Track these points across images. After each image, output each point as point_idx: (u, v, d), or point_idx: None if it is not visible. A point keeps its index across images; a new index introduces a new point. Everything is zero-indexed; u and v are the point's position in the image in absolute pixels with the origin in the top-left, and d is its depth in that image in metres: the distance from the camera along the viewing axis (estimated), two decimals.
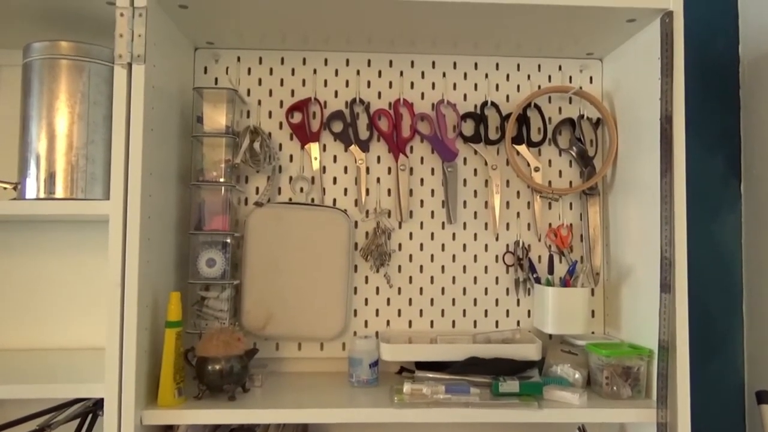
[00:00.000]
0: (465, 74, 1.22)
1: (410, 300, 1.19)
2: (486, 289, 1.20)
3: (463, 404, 0.95)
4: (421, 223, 1.20)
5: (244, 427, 1.00)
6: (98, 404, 1.09)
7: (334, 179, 1.20)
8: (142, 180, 0.92)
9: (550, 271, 1.18)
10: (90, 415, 1.09)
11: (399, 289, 1.19)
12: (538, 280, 1.17)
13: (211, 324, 1.07)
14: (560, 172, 1.22)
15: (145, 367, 0.94)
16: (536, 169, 1.20)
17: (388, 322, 1.19)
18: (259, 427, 1.01)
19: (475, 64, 1.23)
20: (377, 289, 1.19)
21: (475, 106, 1.22)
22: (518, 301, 1.20)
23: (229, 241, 1.10)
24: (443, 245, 1.20)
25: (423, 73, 1.22)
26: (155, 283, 0.98)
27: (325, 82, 1.21)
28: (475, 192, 1.21)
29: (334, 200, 1.20)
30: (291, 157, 1.20)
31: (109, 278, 0.90)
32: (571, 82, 1.23)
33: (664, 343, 0.97)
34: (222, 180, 1.11)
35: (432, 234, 1.20)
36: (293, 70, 1.21)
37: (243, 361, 0.99)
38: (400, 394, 0.98)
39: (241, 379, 0.99)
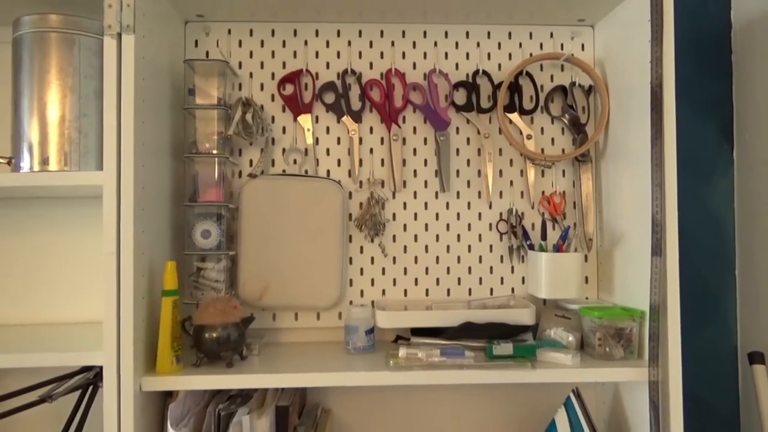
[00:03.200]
0: (456, 43, 1.22)
1: (405, 269, 1.20)
2: (480, 257, 1.21)
3: (457, 366, 0.97)
4: (415, 193, 1.21)
5: (242, 393, 1.02)
6: (98, 376, 1.10)
7: (327, 150, 1.20)
8: (135, 150, 0.93)
9: (543, 237, 1.19)
10: (90, 387, 1.11)
11: (394, 258, 1.20)
12: (531, 247, 1.18)
13: (207, 294, 1.08)
14: (552, 139, 1.22)
15: (142, 335, 0.95)
16: (528, 137, 1.21)
17: (383, 292, 1.20)
18: (257, 393, 1.02)
19: (467, 33, 1.22)
20: (372, 258, 1.20)
21: (467, 75, 1.22)
22: (512, 268, 1.21)
23: (223, 212, 1.10)
24: (437, 214, 1.20)
25: (414, 43, 1.22)
26: (151, 253, 0.99)
27: (317, 53, 1.21)
28: (468, 161, 1.22)
29: (328, 171, 1.20)
30: (284, 129, 1.20)
31: (104, 248, 0.91)
32: (562, 49, 1.23)
33: (655, 305, 0.98)
34: (215, 152, 1.11)
35: (426, 203, 1.21)
36: (284, 42, 1.21)
37: (240, 329, 1.01)
38: (395, 358, 0.99)
39: (239, 347, 1.01)
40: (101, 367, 0.94)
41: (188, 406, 0.97)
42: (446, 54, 1.22)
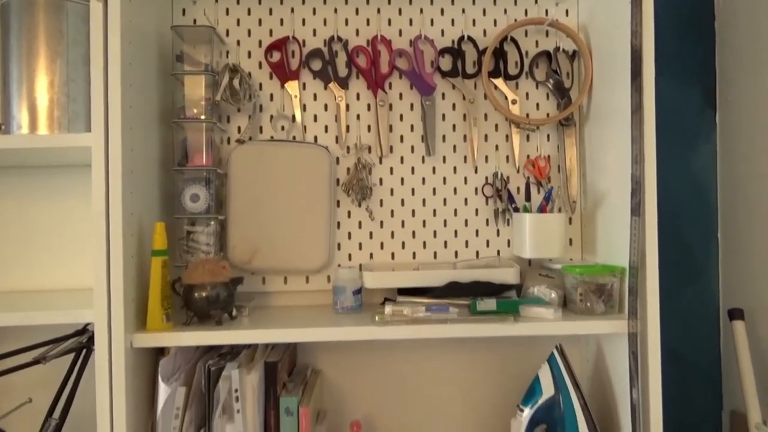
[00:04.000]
0: (442, 10, 1.23)
1: (392, 233, 1.22)
2: (466, 220, 1.23)
3: (441, 321, 0.99)
4: (402, 158, 1.22)
5: (232, 351, 1.04)
6: (91, 340, 1.13)
7: (315, 117, 1.22)
8: (122, 112, 0.94)
9: (528, 199, 1.21)
10: (84, 351, 1.13)
11: (381, 222, 1.22)
12: (516, 210, 1.20)
13: (197, 257, 1.10)
14: (537, 104, 1.24)
15: (132, 294, 0.97)
16: (513, 102, 1.22)
17: (371, 255, 1.22)
18: (247, 350, 1.04)
19: (452, 0, 1.24)
20: (360, 223, 1.22)
21: (453, 41, 1.23)
22: (498, 231, 1.23)
23: (212, 177, 1.12)
24: (423, 179, 1.22)
25: (400, 10, 1.23)
26: (140, 215, 1.01)
27: (303, 20, 1.22)
28: (454, 126, 1.23)
29: (315, 137, 1.22)
30: (271, 96, 1.22)
31: (93, 207, 0.93)
32: (547, 15, 1.24)
33: (634, 263, 1.00)
34: (203, 117, 1.12)
35: (412, 168, 1.22)
36: (271, 10, 1.22)
37: (229, 289, 1.03)
38: (381, 315, 1.01)
39: (228, 306, 1.03)
40: (93, 331, 0.96)
41: (179, 362, 0.99)
42: (432, 20, 1.23)
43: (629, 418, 1.01)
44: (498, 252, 1.23)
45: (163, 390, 0.93)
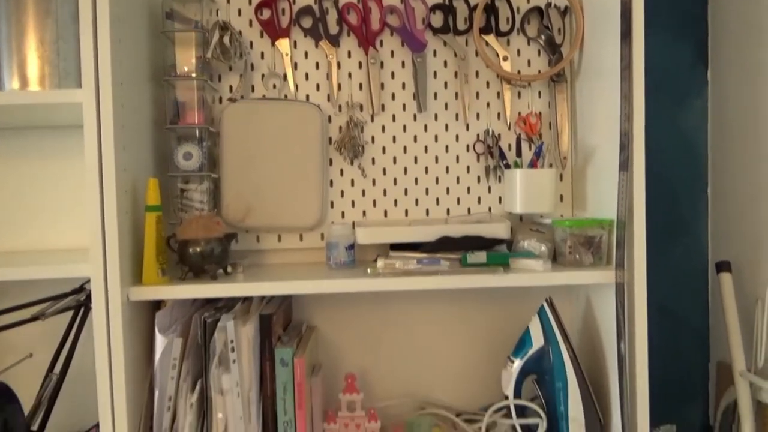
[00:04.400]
0: None
1: (385, 191, 1.23)
2: (458, 178, 1.24)
3: (433, 273, 1.01)
4: (393, 116, 1.23)
5: (227, 306, 1.06)
6: (89, 298, 1.14)
7: (306, 75, 1.22)
8: (112, 68, 0.94)
9: (519, 155, 1.22)
10: (82, 309, 1.15)
11: (373, 180, 1.23)
12: (508, 167, 1.21)
13: (191, 214, 1.11)
14: (529, 61, 1.24)
15: (128, 250, 0.98)
16: (505, 59, 1.22)
17: (364, 213, 1.23)
18: (242, 304, 1.06)
19: None
20: (352, 181, 1.23)
21: None
22: (489, 188, 1.24)
23: (204, 135, 1.12)
24: (415, 136, 1.23)
25: None
26: (133, 172, 1.02)
27: None
28: (446, 83, 1.23)
29: (307, 96, 1.22)
30: (262, 54, 1.21)
31: (86, 162, 0.93)
32: None
33: (622, 217, 1.02)
34: (194, 75, 1.12)
35: (404, 126, 1.23)
36: None
37: (223, 244, 1.04)
38: (374, 268, 1.03)
39: (222, 261, 1.04)
40: (91, 290, 0.97)
41: (175, 316, 1.01)
42: None
43: (617, 371, 1.03)
44: (489, 209, 1.24)
45: (160, 341, 0.95)
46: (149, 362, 1.03)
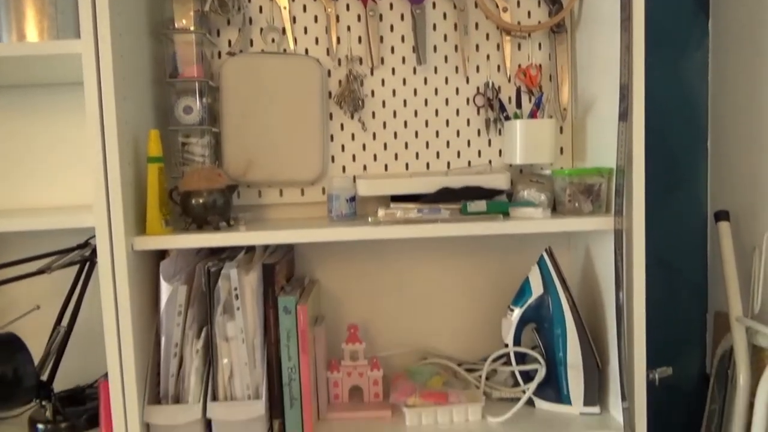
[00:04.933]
0: None
1: (385, 144, 1.23)
2: (458, 131, 1.24)
3: (433, 221, 1.02)
4: (393, 69, 1.22)
5: (231, 256, 1.07)
6: (94, 252, 1.16)
7: (305, 29, 1.21)
8: (111, 18, 0.94)
9: (519, 106, 1.22)
10: (87, 263, 1.17)
11: (374, 134, 1.23)
12: (508, 119, 1.21)
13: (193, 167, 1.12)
14: (529, 12, 1.23)
15: (131, 200, 0.99)
16: (504, 10, 1.21)
17: (364, 167, 1.24)
18: (245, 254, 1.08)
19: None
20: (353, 135, 1.23)
21: None
22: (489, 141, 1.24)
23: (204, 88, 1.12)
24: (415, 90, 1.23)
25: None
26: (134, 125, 1.02)
27: None
28: (445, 36, 1.23)
29: (306, 50, 1.21)
30: (260, 8, 1.20)
31: (86, 112, 0.94)
32: None
33: (621, 166, 1.02)
34: (192, 29, 1.12)
35: (404, 79, 1.23)
36: None
37: (225, 196, 1.05)
38: (374, 217, 1.04)
39: (225, 213, 1.05)
40: (95, 244, 0.99)
41: (180, 265, 1.02)
42: None
43: (615, 321, 1.05)
44: (490, 161, 1.24)
45: (165, 289, 0.97)
46: (155, 311, 1.05)
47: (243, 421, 1.00)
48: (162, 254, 1.06)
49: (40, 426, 1.09)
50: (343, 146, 1.23)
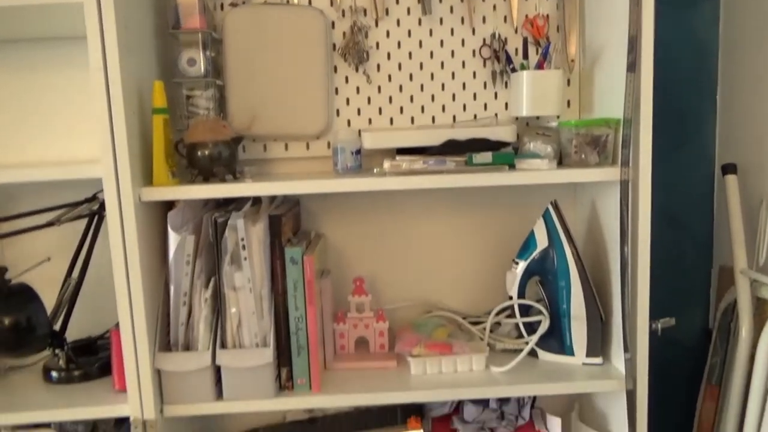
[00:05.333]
0: None
1: (390, 98, 1.23)
2: (464, 83, 1.23)
3: (439, 172, 1.02)
4: (398, 20, 1.21)
5: (238, 208, 1.08)
6: (102, 206, 1.17)
7: None
8: None
9: (525, 57, 1.20)
10: (95, 217, 1.18)
11: (379, 87, 1.22)
12: (514, 71, 1.20)
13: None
14: None
15: (137, 151, 0.99)
16: None
17: (369, 121, 1.23)
18: (252, 206, 1.08)
19: None
20: (357, 88, 1.22)
21: None
22: (495, 94, 1.23)
23: (207, 40, 1.11)
24: (420, 42, 1.21)
25: None
26: (139, 76, 1.02)
27: None
28: None
29: (309, 0, 1.19)
30: None
31: (90, 63, 0.93)
32: None
33: (628, 117, 1.01)
34: None
35: (409, 31, 1.21)
36: None
37: (231, 148, 1.05)
38: (380, 168, 1.04)
39: (231, 165, 1.05)
40: (103, 199, 0.99)
41: (187, 217, 1.03)
42: None
43: (619, 274, 1.05)
44: (496, 114, 1.23)
45: (173, 238, 0.98)
46: (163, 262, 1.06)
47: (251, 367, 1.02)
48: (169, 206, 1.07)
49: (54, 374, 1.12)
50: (347, 99, 1.22)
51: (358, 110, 1.23)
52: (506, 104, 1.23)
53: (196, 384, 1.03)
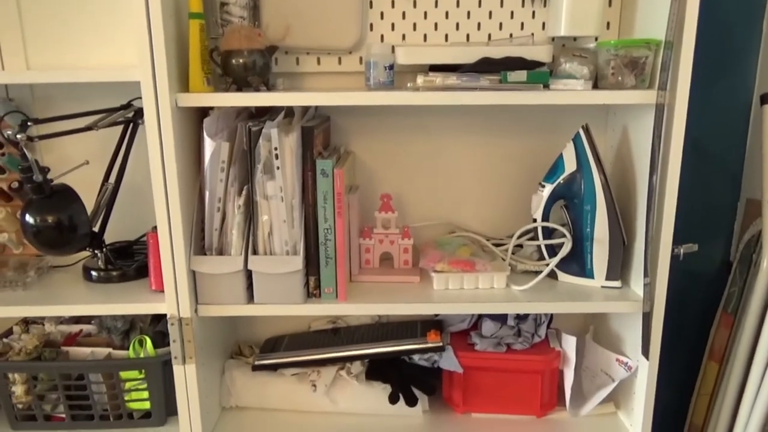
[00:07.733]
0: None
1: (425, 13, 1.20)
2: (501, 0, 1.19)
3: (472, 88, 1.01)
4: None
5: (271, 119, 1.09)
6: (137, 114, 1.19)
7: None
8: None
9: None
10: (131, 125, 1.20)
11: (414, 1, 1.20)
12: None
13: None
14: None
15: (174, 55, 1.00)
16: None
17: (403, 36, 1.21)
18: (285, 119, 1.10)
19: None
20: (392, 2, 1.20)
21: None
22: (533, 13, 1.20)
23: None
24: None
25: None
26: None
27: None
28: None
29: None
30: None
31: None
32: None
33: (670, 39, 0.98)
34: None
35: None
36: None
37: (265, 57, 1.05)
38: (413, 83, 1.04)
39: (265, 74, 1.06)
40: (140, 108, 1.01)
41: (221, 125, 1.05)
42: None
43: (645, 200, 1.05)
44: (532, 34, 1.21)
45: (208, 144, 1.00)
46: (198, 168, 1.09)
47: (281, 274, 1.06)
48: (203, 114, 1.09)
49: (94, 273, 1.18)
50: (381, 14, 1.20)
51: (392, 25, 1.21)
52: (543, 24, 1.20)
53: (228, 287, 1.07)
